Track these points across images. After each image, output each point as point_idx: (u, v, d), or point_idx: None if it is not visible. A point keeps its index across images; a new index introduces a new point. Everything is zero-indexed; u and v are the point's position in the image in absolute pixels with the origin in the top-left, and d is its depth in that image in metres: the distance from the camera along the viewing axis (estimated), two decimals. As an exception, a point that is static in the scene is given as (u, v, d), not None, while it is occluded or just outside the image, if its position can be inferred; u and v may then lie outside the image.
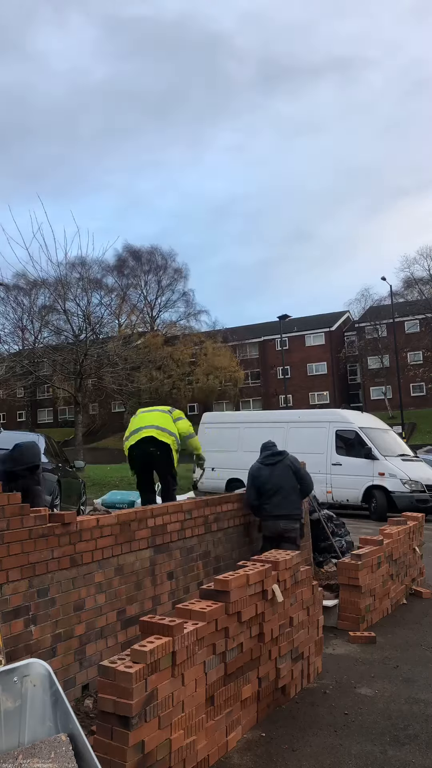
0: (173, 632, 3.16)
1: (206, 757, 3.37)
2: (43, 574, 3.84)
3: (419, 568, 8.08)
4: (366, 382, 53.95)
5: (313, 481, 6.71)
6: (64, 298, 23.04)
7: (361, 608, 6.05)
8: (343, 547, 8.28)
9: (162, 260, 57.15)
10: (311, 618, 4.83)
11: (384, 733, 3.89)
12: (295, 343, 56.16)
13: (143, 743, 2.88)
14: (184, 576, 5.29)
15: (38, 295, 40.14)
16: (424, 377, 49.62)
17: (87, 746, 2.46)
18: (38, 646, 3.75)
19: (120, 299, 46.16)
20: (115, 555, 4.52)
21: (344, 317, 58.01)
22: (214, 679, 3.52)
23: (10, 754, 2.37)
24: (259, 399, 56.54)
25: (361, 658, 5.31)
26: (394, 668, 5.05)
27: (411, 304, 50.13)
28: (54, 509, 7.15)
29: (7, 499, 3.69)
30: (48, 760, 2.34)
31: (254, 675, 3.98)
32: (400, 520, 8.12)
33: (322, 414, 18.63)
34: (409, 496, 14.24)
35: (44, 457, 8.12)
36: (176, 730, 3.12)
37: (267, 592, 4.15)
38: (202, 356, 49.79)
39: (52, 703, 2.57)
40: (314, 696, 4.49)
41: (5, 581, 3.58)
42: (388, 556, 6.80)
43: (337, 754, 3.61)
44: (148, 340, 47.44)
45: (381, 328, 50.98)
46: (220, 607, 3.63)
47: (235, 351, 53.44)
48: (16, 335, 41.15)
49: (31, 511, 3.86)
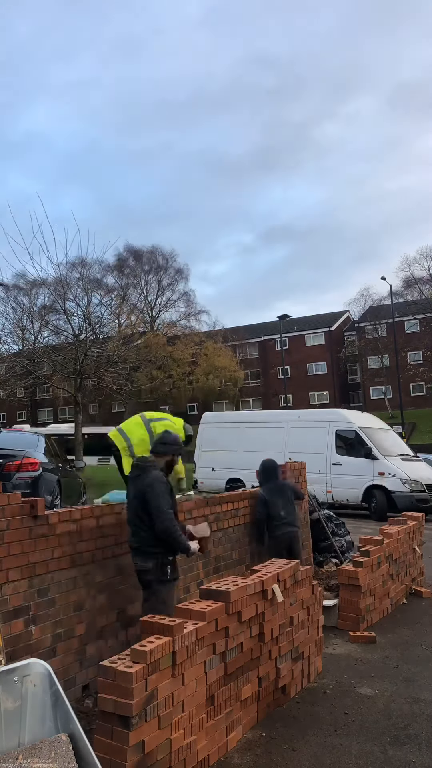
0: (173, 632, 3.16)
1: (206, 756, 3.38)
2: (43, 574, 3.84)
3: (419, 567, 8.07)
4: (366, 382, 53.94)
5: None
6: (64, 298, 23.01)
7: (361, 608, 6.05)
8: (343, 547, 8.29)
9: (163, 260, 57.14)
10: (311, 618, 4.83)
11: (384, 732, 3.89)
12: (295, 343, 56.15)
13: (143, 743, 2.88)
14: (184, 576, 5.28)
15: (38, 295, 40.16)
16: (424, 377, 49.60)
17: (87, 746, 2.45)
18: (38, 646, 3.75)
19: (120, 299, 46.12)
20: (115, 555, 4.52)
21: (344, 317, 58.01)
22: (214, 679, 3.52)
23: (11, 754, 2.37)
24: (259, 399, 56.52)
25: (361, 657, 5.31)
26: (394, 668, 5.06)
27: (411, 303, 50.14)
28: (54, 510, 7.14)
29: (7, 499, 3.69)
30: (48, 760, 2.34)
31: (254, 675, 3.98)
32: (400, 519, 8.12)
33: (322, 414, 18.61)
34: (409, 495, 14.23)
35: (44, 456, 8.13)
36: (176, 730, 3.12)
37: (267, 592, 4.15)
38: (202, 356, 49.78)
39: (52, 703, 2.57)
40: (314, 696, 4.49)
41: (5, 581, 3.58)
42: (388, 555, 6.80)
43: (337, 753, 3.61)
44: (149, 339, 47.42)
45: (381, 328, 50.97)
46: (220, 607, 3.63)
47: (235, 351, 53.42)
48: (16, 335, 41.17)
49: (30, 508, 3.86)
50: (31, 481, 7.33)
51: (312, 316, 58.88)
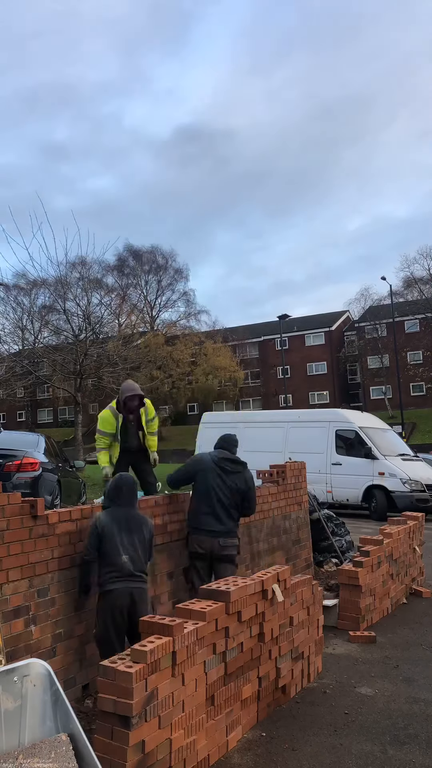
0: (173, 632, 3.16)
1: (206, 756, 3.38)
2: (43, 574, 3.84)
3: (419, 567, 8.07)
4: (366, 382, 53.94)
5: None
6: (64, 298, 23.03)
7: (361, 608, 6.05)
8: (343, 547, 8.29)
9: (162, 260, 57.13)
10: (311, 617, 4.83)
11: (384, 732, 3.89)
12: (295, 343, 56.16)
13: (143, 743, 2.88)
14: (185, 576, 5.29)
15: (38, 295, 40.18)
16: (424, 377, 49.60)
17: (87, 746, 2.45)
18: (38, 646, 3.75)
19: (120, 299, 46.13)
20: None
21: (344, 317, 58.02)
22: (215, 679, 3.52)
23: (11, 754, 2.37)
24: (259, 399, 56.52)
25: (361, 657, 5.31)
26: (395, 668, 5.05)
27: (411, 303, 50.12)
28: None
29: (7, 499, 3.69)
30: (48, 759, 2.34)
31: (254, 674, 3.98)
32: (400, 519, 8.12)
33: (322, 414, 18.60)
34: (409, 495, 14.23)
35: (44, 456, 8.13)
36: (176, 730, 3.12)
37: (267, 592, 4.15)
38: (202, 356, 49.76)
39: (52, 703, 2.57)
40: (314, 695, 4.49)
41: (5, 581, 3.59)
42: (388, 555, 6.80)
43: (337, 753, 3.61)
44: (149, 339, 47.42)
45: (381, 328, 50.97)
46: (221, 607, 3.63)
47: (235, 351, 53.41)
48: (16, 335, 41.18)
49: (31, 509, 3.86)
50: (31, 481, 7.32)
51: (312, 316, 58.89)
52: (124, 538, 4.05)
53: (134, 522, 4.18)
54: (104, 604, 3.94)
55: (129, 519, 4.17)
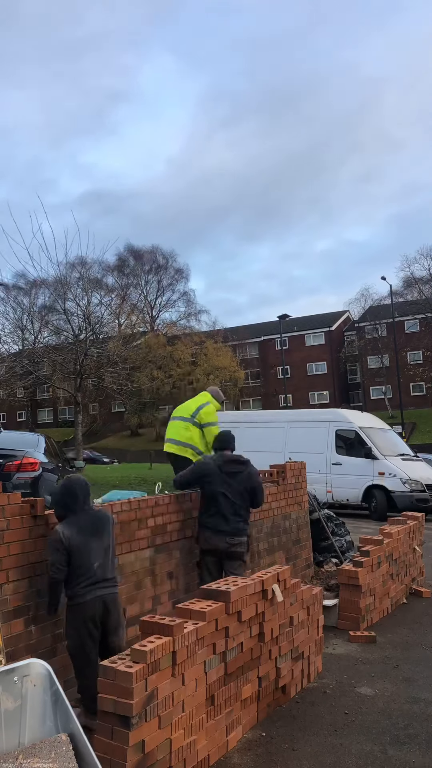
0: (173, 632, 3.16)
1: (206, 756, 3.38)
2: (44, 574, 3.84)
3: (419, 567, 8.07)
4: (366, 382, 53.94)
5: None
6: (64, 298, 23.02)
7: (361, 608, 6.05)
8: (343, 547, 8.29)
9: (163, 260, 57.19)
10: (311, 617, 4.83)
11: (384, 732, 3.89)
12: (295, 343, 56.17)
13: (143, 743, 2.88)
14: (184, 576, 5.29)
15: (38, 295, 40.21)
16: (424, 377, 49.61)
17: (87, 746, 2.45)
18: (38, 646, 3.74)
19: (120, 299, 46.15)
20: (115, 555, 4.51)
21: (344, 317, 58.02)
22: (215, 679, 3.52)
23: (11, 754, 2.37)
24: (259, 399, 56.53)
25: (361, 657, 5.31)
26: (395, 668, 5.05)
27: (411, 303, 50.13)
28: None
29: (7, 499, 3.68)
30: (48, 759, 2.34)
31: (254, 674, 3.98)
32: (400, 519, 8.11)
33: (322, 414, 18.60)
34: (409, 495, 14.23)
35: (44, 456, 8.13)
36: (176, 730, 3.12)
37: (267, 592, 4.15)
38: (202, 356, 49.79)
39: (52, 703, 2.57)
40: (314, 695, 4.49)
41: (5, 581, 3.58)
42: (388, 555, 6.80)
43: (337, 753, 3.61)
44: (149, 339, 47.44)
45: (381, 328, 50.98)
46: (221, 607, 3.63)
47: (235, 351, 53.43)
48: (16, 335, 41.21)
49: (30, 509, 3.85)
50: (31, 481, 7.32)
51: (312, 316, 58.88)
52: (94, 544, 3.77)
53: (100, 523, 3.89)
54: (77, 616, 3.67)
55: (94, 522, 3.86)
